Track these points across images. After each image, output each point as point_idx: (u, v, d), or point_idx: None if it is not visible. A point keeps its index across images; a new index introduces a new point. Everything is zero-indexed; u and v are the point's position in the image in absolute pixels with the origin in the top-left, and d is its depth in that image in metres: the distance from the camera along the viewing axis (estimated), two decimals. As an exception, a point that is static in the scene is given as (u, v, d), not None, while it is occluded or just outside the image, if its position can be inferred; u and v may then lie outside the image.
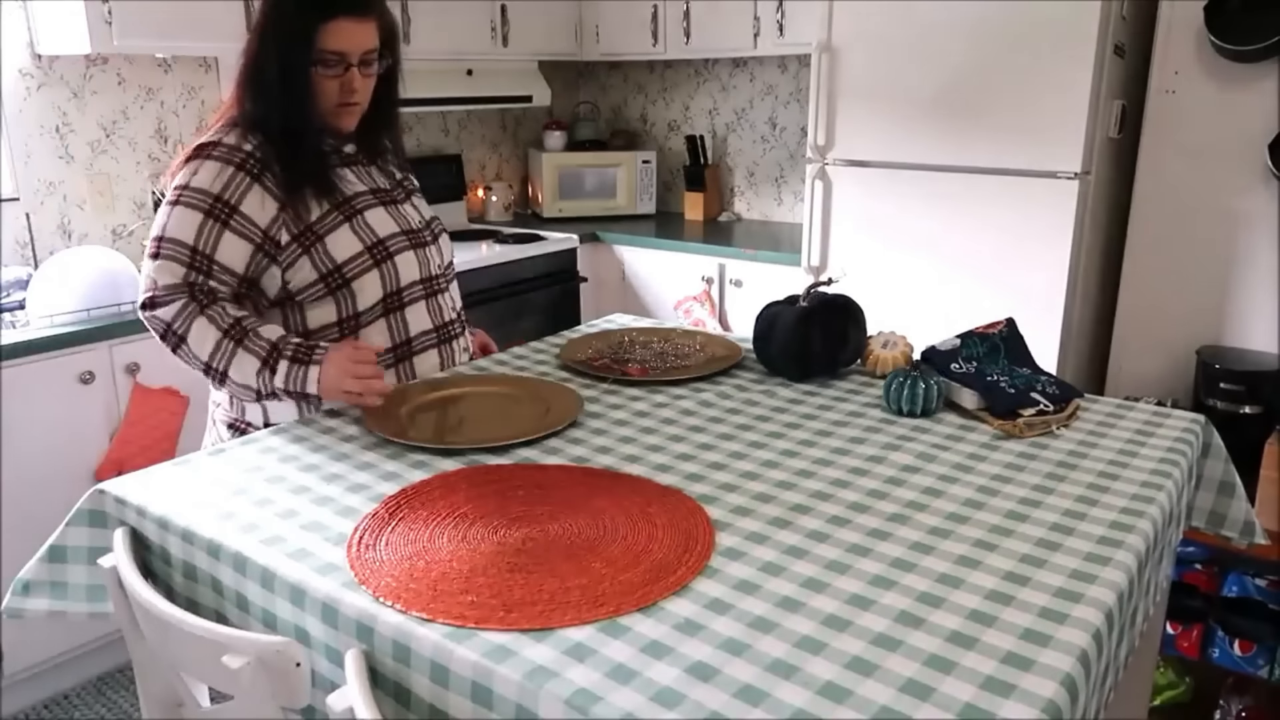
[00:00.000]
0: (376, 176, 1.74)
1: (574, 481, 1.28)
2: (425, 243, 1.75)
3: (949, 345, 1.64)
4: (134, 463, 2.35)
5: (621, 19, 3.73)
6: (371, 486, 1.30)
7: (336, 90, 1.60)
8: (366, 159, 1.74)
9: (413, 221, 1.75)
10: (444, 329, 1.78)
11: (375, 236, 1.66)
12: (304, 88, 1.57)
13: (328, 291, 1.62)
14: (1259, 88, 2.50)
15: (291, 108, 1.58)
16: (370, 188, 1.71)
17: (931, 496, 1.26)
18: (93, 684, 2.50)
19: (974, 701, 0.86)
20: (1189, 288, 2.70)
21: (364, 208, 1.67)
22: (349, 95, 1.60)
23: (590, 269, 3.59)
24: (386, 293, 1.67)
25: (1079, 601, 1.01)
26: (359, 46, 1.57)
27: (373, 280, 1.65)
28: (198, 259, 1.54)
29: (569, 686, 0.88)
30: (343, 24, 1.55)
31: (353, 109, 1.64)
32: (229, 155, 1.57)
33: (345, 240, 1.62)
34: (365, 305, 1.65)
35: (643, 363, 1.79)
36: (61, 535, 1.34)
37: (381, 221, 1.68)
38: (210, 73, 3.06)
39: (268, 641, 1.00)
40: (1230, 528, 1.56)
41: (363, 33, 1.57)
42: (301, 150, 1.60)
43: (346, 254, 1.62)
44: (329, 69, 1.57)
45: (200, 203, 1.54)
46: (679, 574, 1.07)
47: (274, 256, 1.59)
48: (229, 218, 1.55)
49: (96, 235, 2.86)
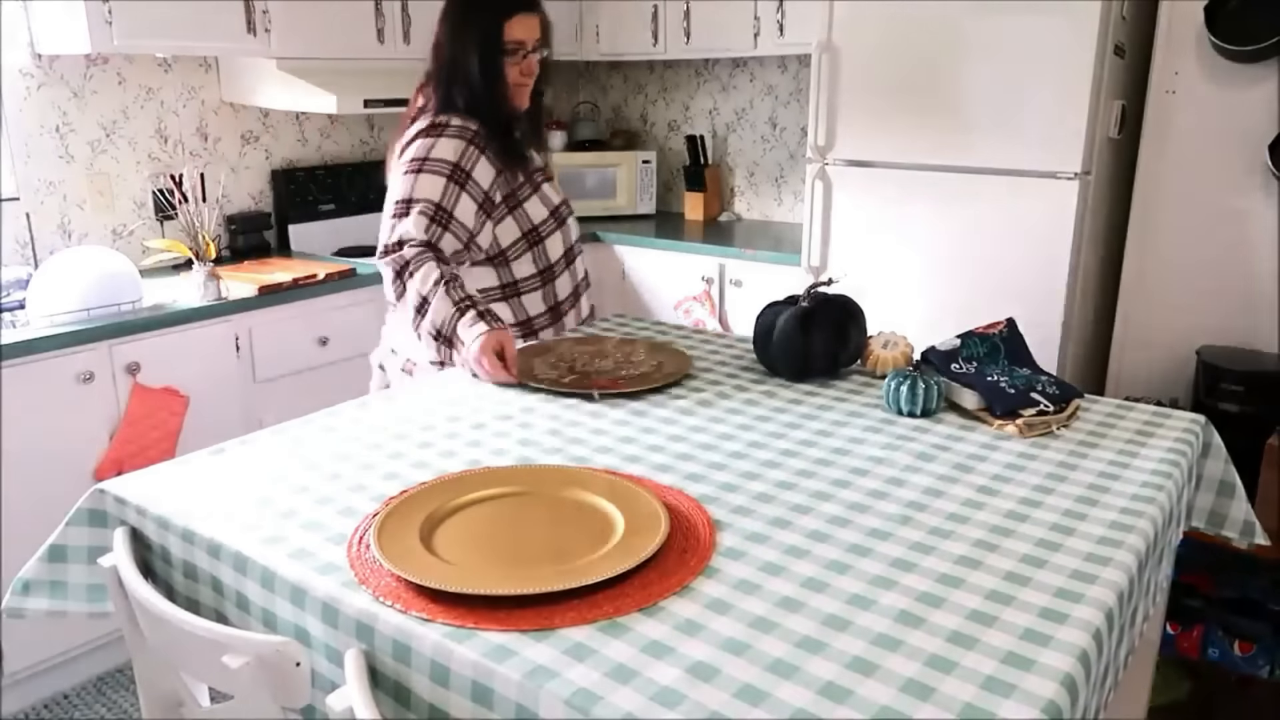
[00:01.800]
0: (536, 159, 2.07)
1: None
2: (565, 216, 2.09)
3: (949, 345, 1.64)
4: (134, 463, 2.35)
5: (621, 19, 3.73)
6: (371, 486, 1.30)
7: (516, 74, 1.93)
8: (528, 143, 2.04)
9: (555, 199, 2.07)
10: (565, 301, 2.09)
11: (552, 204, 2.03)
12: (497, 74, 1.91)
13: (528, 247, 1.98)
14: (1259, 88, 2.50)
15: (493, 92, 1.91)
16: (536, 168, 2.05)
17: (932, 496, 1.26)
18: (93, 684, 2.50)
19: (974, 701, 0.86)
20: (1189, 288, 2.70)
21: (540, 181, 2.03)
22: (527, 77, 1.95)
23: (590, 269, 3.58)
24: (565, 249, 2.05)
25: (1079, 602, 1.01)
26: (532, 35, 1.92)
27: (555, 241, 2.03)
28: (440, 214, 1.85)
29: (569, 686, 0.88)
30: (520, 18, 1.90)
31: (527, 88, 1.97)
32: (461, 132, 1.89)
33: (536, 206, 1.99)
34: (553, 259, 2.03)
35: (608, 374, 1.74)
36: (61, 535, 1.34)
37: (551, 194, 2.05)
38: (210, 73, 3.06)
39: (267, 641, 1.00)
40: (1230, 528, 1.56)
41: (533, 25, 1.93)
42: (508, 129, 1.95)
43: (539, 217, 1.99)
44: (511, 57, 1.91)
45: (442, 169, 1.86)
46: (679, 574, 1.07)
47: (489, 214, 1.92)
48: (465, 181, 1.88)
49: (96, 235, 2.86)
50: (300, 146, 3.36)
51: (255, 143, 3.23)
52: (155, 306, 2.50)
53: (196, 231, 2.55)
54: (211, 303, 2.55)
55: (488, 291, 1.96)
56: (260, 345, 2.67)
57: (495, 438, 1.47)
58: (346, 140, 3.51)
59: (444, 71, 1.93)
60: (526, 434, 1.48)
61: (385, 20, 3.10)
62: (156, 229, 2.96)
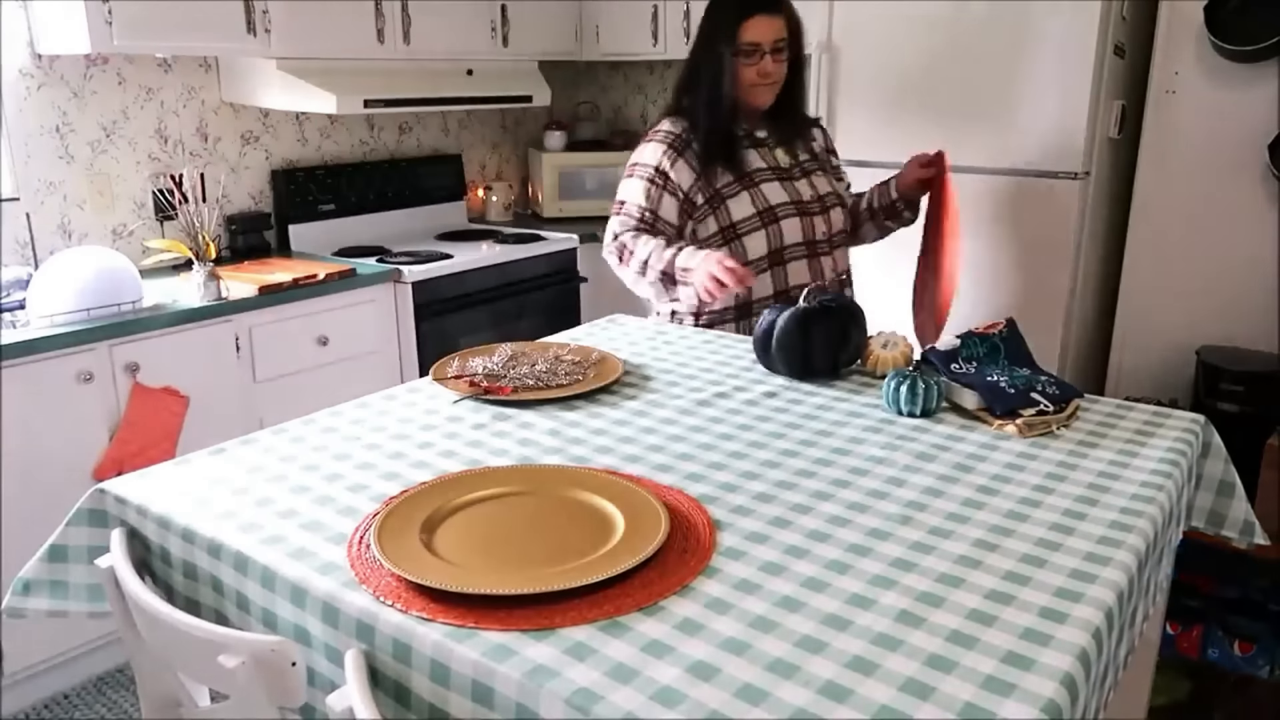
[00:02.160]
0: (779, 157, 2.13)
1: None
2: (812, 212, 2.10)
3: (949, 345, 1.64)
4: (134, 463, 2.35)
5: (621, 19, 3.73)
6: (371, 486, 1.30)
7: (753, 75, 2.01)
8: (775, 141, 2.12)
9: (804, 194, 2.10)
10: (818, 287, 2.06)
11: (767, 203, 2.05)
12: (723, 77, 2.01)
13: (724, 242, 2.05)
14: (1259, 88, 2.50)
15: (712, 97, 2.03)
16: (769, 165, 2.10)
17: (931, 496, 1.26)
18: (93, 684, 2.50)
19: (974, 701, 0.86)
20: (1189, 288, 2.70)
21: (761, 180, 2.07)
22: (764, 77, 2.02)
23: (590, 269, 3.59)
24: (770, 249, 2.05)
25: (1079, 601, 1.01)
26: (770, 36, 1.99)
27: (759, 237, 2.05)
28: (646, 215, 2.05)
29: (569, 686, 0.88)
30: (758, 19, 1.97)
31: (767, 88, 2.04)
32: (665, 137, 2.08)
33: (743, 204, 2.05)
34: (754, 256, 2.05)
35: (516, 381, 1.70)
36: (62, 535, 1.34)
37: (775, 192, 2.07)
38: (210, 73, 3.06)
39: (263, 641, 1.00)
40: (1230, 528, 1.56)
41: (773, 25, 1.99)
42: (715, 133, 2.04)
43: (741, 214, 2.05)
44: (748, 58, 1.99)
45: (644, 173, 2.07)
46: (679, 574, 1.07)
47: (689, 213, 2.06)
48: (665, 183, 2.04)
49: (96, 235, 2.86)
50: (300, 146, 3.37)
51: (255, 143, 3.23)
52: (155, 306, 2.50)
53: (196, 231, 2.55)
54: (211, 303, 2.55)
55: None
56: (260, 345, 2.67)
57: (495, 438, 1.47)
58: (346, 140, 3.51)
59: (683, 73, 2.10)
60: (526, 434, 1.48)
61: (385, 20, 3.10)
62: (156, 229, 2.97)
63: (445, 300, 3.11)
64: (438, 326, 3.09)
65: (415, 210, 3.69)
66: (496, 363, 1.76)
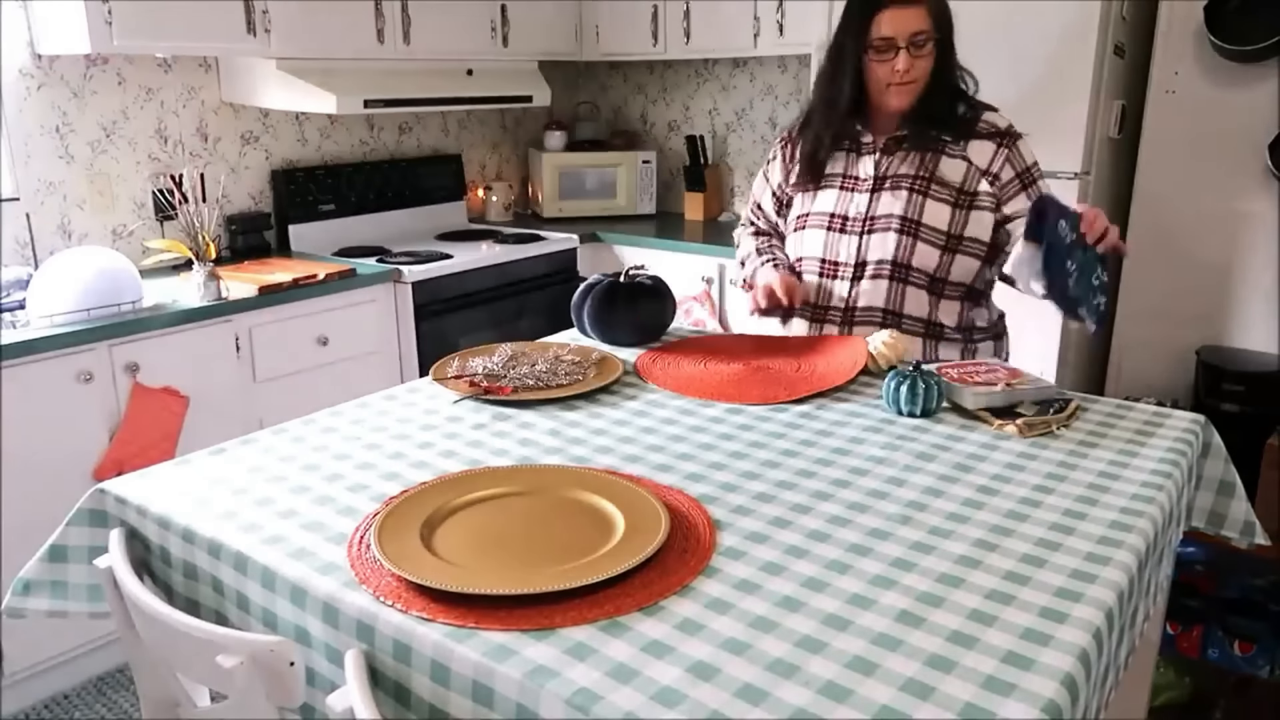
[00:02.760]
0: (863, 164, 1.89)
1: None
2: (849, 230, 1.88)
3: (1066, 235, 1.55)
4: (134, 463, 2.35)
5: (621, 19, 3.73)
6: (371, 486, 1.30)
7: (887, 72, 1.77)
8: (875, 147, 1.87)
9: (851, 210, 1.88)
10: (820, 310, 1.93)
11: (807, 210, 1.94)
12: (844, 77, 1.82)
13: (781, 241, 2.05)
14: (1259, 88, 2.50)
15: (831, 96, 1.86)
16: (844, 173, 1.91)
17: (932, 496, 1.26)
18: (93, 684, 2.50)
19: (974, 701, 0.86)
20: (1189, 288, 2.70)
21: (825, 186, 1.92)
22: (899, 76, 1.76)
23: (590, 269, 3.59)
24: (796, 257, 1.96)
25: (1079, 601, 1.01)
26: (906, 30, 1.73)
27: (793, 243, 1.97)
28: (753, 207, 2.10)
29: (570, 686, 0.88)
30: (892, 12, 1.74)
31: (904, 88, 1.78)
32: (780, 134, 2.05)
33: (794, 206, 1.98)
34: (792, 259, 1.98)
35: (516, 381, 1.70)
36: (62, 535, 1.34)
37: (824, 200, 1.92)
38: (210, 73, 3.06)
39: (262, 641, 1.00)
40: (1230, 528, 1.56)
41: (909, 18, 1.74)
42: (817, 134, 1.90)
43: (791, 216, 1.99)
44: (880, 55, 1.76)
45: (763, 168, 2.08)
46: (679, 574, 1.07)
47: (783, 207, 2.03)
48: (768, 177, 2.05)
49: (96, 235, 2.86)
50: (300, 146, 3.36)
51: (255, 143, 3.23)
52: (155, 306, 2.50)
53: (196, 232, 2.55)
54: (211, 303, 2.55)
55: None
56: (260, 345, 2.67)
57: (495, 438, 1.47)
58: (346, 140, 3.51)
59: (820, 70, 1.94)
60: (526, 434, 1.48)
61: (385, 20, 3.10)
62: (156, 229, 2.96)
63: (445, 300, 3.11)
64: (438, 326, 3.09)
65: (415, 210, 3.69)
66: (496, 363, 1.76)
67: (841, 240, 1.87)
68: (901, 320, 1.85)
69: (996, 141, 1.81)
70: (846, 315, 1.88)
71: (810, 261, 1.92)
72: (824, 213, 1.90)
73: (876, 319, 1.86)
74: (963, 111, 1.84)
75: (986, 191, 1.81)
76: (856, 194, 1.87)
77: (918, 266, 1.82)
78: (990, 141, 1.81)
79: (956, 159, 1.81)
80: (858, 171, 1.88)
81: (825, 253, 1.89)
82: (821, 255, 1.90)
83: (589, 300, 1.96)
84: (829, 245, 1.89)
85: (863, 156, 1.88)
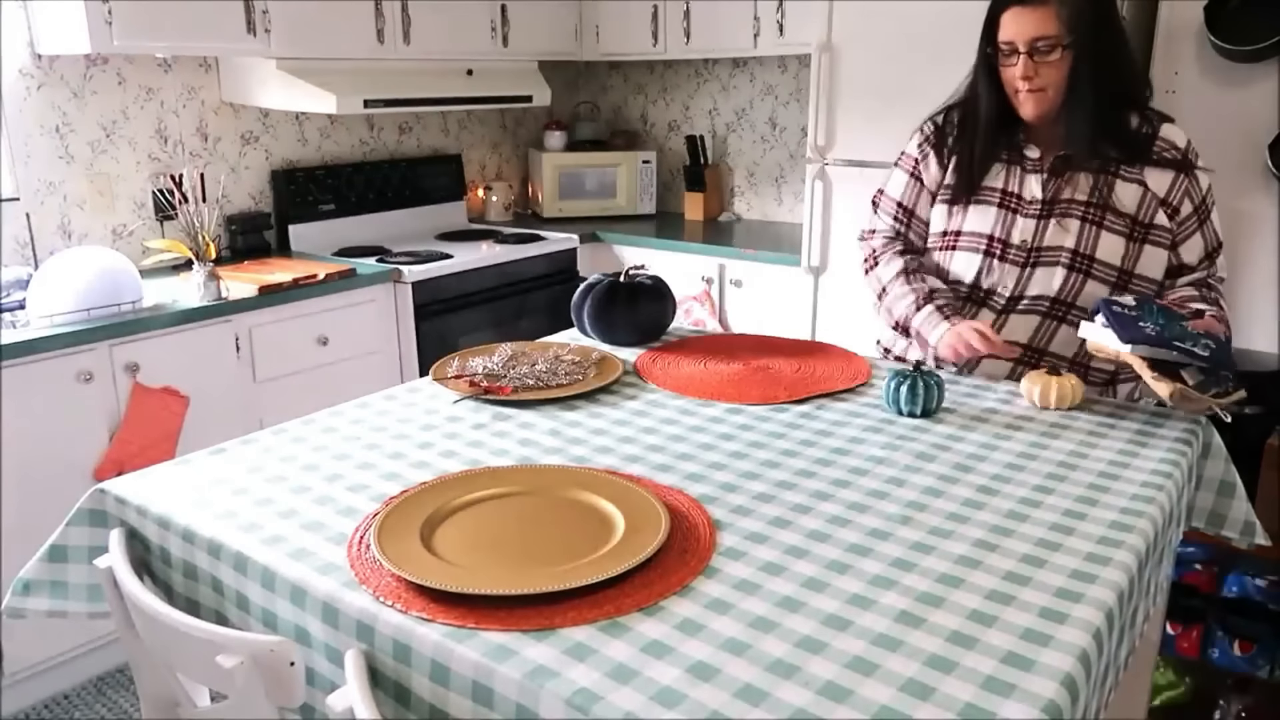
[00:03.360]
0: (1029, 185, 1.71)
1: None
2: (1003, 256, 1.72)
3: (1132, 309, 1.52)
4: (134, 463, 2.35)
5: (621, 19, 3.73)
6: (371, 486, 1.30)
7: (1012, 76, 1.65)
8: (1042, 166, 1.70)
9: (1014, 236, 1.71)
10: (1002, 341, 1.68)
11: (955, 228, 1.78)
12: (978, 78, 1.72)
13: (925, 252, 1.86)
14: (1259, 88, 2.50)
15: (968, 97, 1.76)
16: (1004, 189, 1.74)
17: (932, 496, 1.26)
18: (93, 684, 2.50)
19: (974, 701, 0.86)
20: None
21: (977, 200, 1.76)
22: (1025, 82, 1.63)
23: (590, 269, 3.59)
24: (944, 280, 1.80)
25: (1079, 601, 1.01)
26: (1026, 34, 1.60)
27: (941, 259, 1.81)
28: (900, 211, 1.86)
29: (570, 686, 0.88)
30: (1014, 12, 1.62)
31: (1030, 96, 1.64)
32: (925, 126, 1.85)
33: (939, 219, 1.81)
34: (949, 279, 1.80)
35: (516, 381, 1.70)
36: (62, 535, 1.34)
37: (979, 219, 1.75)
38: (210, 73, 3.06)
39: (261, 641, 1.00)
40: (1230, 528, 1.56)
41: (1032, 20, 1.60)
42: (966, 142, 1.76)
43: (936, 229, 1.82)
44: (1005, 58, 1.65)
45: (905, 165, 1.87)
46: (679, 574, 1.07)
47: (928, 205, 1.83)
48: (921, 176, 1.84)
49: (96, 235, 2.86)
50: (300, 146, 3.36)
51: (255, 143, 3.23)
52: (155, 306, 2.50)
53: (196, 232, 2.55)
54: (211, 303, 2.55)
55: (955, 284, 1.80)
56: (260, 345, 2.67)
57: (495, 438, 1.47)
58: (346, 140, 3.51)
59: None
60: (527, 434, 1.48)
61: (385, 20, 3.10)
62: (156, 229, 2.96)
63: (445, 300, 3.11)
64: (438, 326, 3.09)
65: (415, 210, 3.69)
66: (496, 363, 1.76)
67: (999, 268, 1.72)
68: (1042, 358, 1.73)
69: (1176, 169, 1.65)
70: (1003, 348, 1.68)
71: (958, 286, 1.77)
72: (981, 234, 1.73)
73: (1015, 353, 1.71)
74: (1136, 125, 1.67)
75: (1163, 226, 1.66)
76: (1021, 217, 1.70)
77: (1082, 305, 1.68)
78: (1170, 170, 1.65)
79: (1132, 183, 1.65)
80: (1022, 191, 1.71)
81: (979, 279, 1.74)
82: (973, 281, 1.74)
83: (589, 300, 1.96)
84: (984, 271, 1.73)
85: (1028, 174, 1.71)
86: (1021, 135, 1.72)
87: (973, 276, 1.75)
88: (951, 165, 1.78)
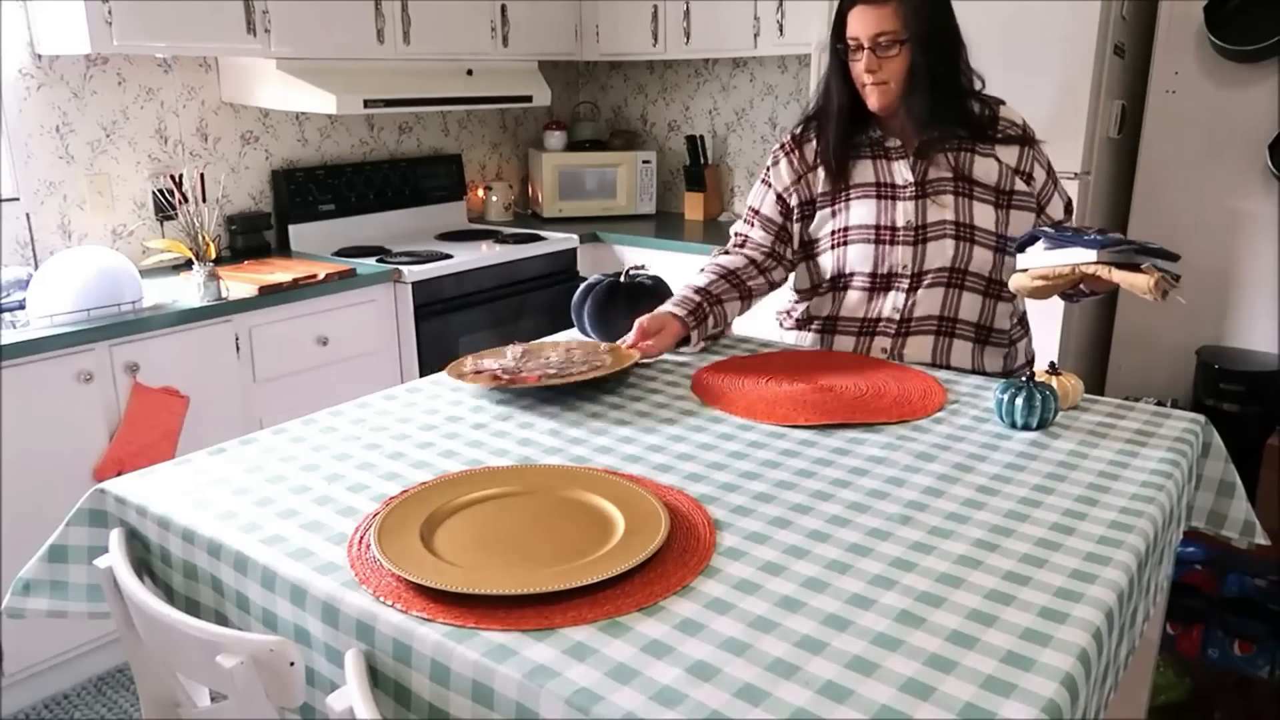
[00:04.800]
0: (897, 171, 1.83)
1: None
2: (898, 241, 1.82)
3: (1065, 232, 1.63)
4: (134, 463, 2.35)
5: (621, 19, 3.73)
6: (371, 486, 1.30)
7: (859, 72, 1.76)
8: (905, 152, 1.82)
9: (899, 219, 1.82)
10: (869, 323, 1.87)
11: (845, 223, 1.86)
12: (830, 75, 1.82)
13: (804, 258, 1.95)
14: (1259, 88, 2.50)
15: (821, 95, 1.86)
16: (878, 180, 1.84)
17: (932, 496, 1.26)
18: (93, 684, 2.50)
19: (974, 701, 0.86)
20: (1189, 288, 2.70)
21: (856, 197, 1.85)
22: (870, 76, 1.74)
23: (590, 269, 3.59)
24: (834, 274, 1.89)
25: (1079, 601, 1.01)
26: (869, 30, 1.71)
27: (829, 259, 1.89)
28: (750, 214, 1.97)
29: (570, 686, 0.88)
30: (859, 10, 1.73)
31: (875, 89, 1.75)
32: (781, 137, 1.98)
33: (824, 220, 1.89)
34: (821, 279, 1.92)
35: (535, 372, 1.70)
36: (62, 535, 1.34)
37: (861, 211, 1.84)
38: (210, 73, 3.06)
39: (262, 641, 1.00)
40: (1230, 528, 1.56)
41: (875, 17, 1.71)
42: (824, 136, 1.86)
43: (821, 232, 1.90)
44: (852, 53, 1.75)
45: (763, 174, 1.96)
46: (679, 574, 1.07)
47: (788, 215, 1.92)
48: (770, 182, 1.94)
49: (96, 235, 2.86)
50: (300, 146, 3.37)
51: (255, 143, 3.23)
52: (155, 306, 2.50)
53: (196, 231, 2.55)
54: (211, 303, 2.55)
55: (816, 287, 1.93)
56: (260, 345, 2.67)
57: (495, 438, 1.47)
58: (346, 140, 3.51)
59: None
60: (527, 434, 1.48)
61: (385, 20, 3.10)
62: (156, 229, 2.97)
63: (445, 300, 3.11)
64: (438, 326, 3.09)
65: (415, 210, 3.69)
66: (510, 359, 1.76)
67: (894, 251, 1.82)
68: (956, 326, 1.83)
69: (1020, 143, 1.83)
70: (901, 326, 1.83)
71: (859, 277, 1.85)
72: (867, 225, 1.83)
73: (931, 327, 1.83)
74: (979, 110, 1.82)
75: (1024, 191, 1.81)
76: (900, 202, 1.82)
77: (975, 271, 1.81)
78: (1015, 144, 1.82)
79: (988, 158, 1.81)
80: (894, 178, 1.82)
81: (876, 266, 1.83)
82: (871, 269, 1.84)
83: (589, 300, 1.96)
84: (880, 258, 1.83)
85: (894, 162, 1.83)
86: (876, 128, 1.84)
87: (871, 265, 1.84)
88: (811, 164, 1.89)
